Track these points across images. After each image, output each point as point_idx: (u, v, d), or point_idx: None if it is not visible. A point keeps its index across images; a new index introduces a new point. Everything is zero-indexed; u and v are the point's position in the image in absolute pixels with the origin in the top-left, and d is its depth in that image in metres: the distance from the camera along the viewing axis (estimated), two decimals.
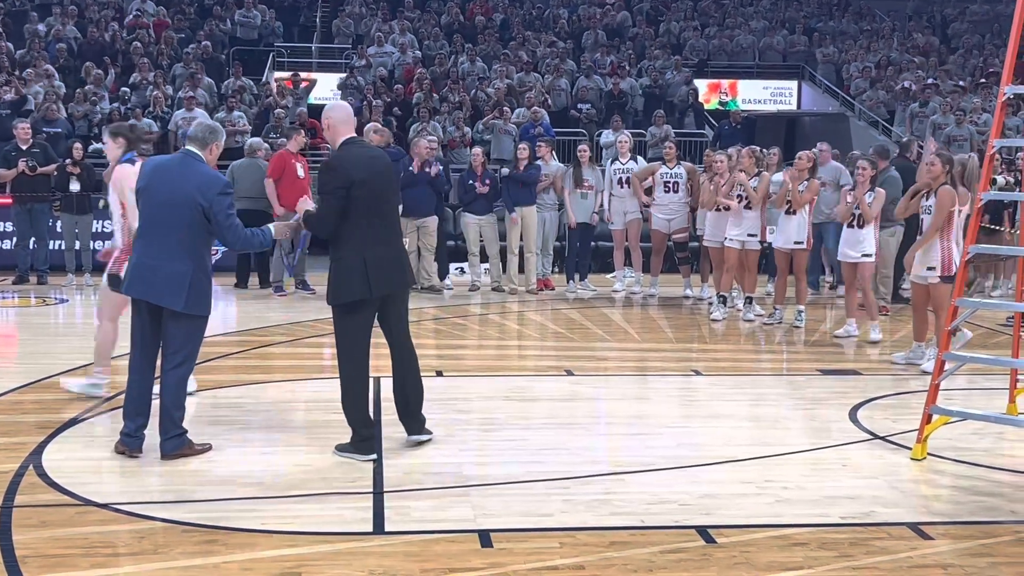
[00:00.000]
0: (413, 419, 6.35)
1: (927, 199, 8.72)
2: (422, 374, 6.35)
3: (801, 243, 10.95)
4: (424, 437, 6.37)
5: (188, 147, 6.08)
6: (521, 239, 13.35)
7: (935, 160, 8.67)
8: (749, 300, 11.58)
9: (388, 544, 4.78)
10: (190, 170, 5.96)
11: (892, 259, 11.91)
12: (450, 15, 24.64)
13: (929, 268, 8.55)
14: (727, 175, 11.60)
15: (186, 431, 6.05)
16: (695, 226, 13.23)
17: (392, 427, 6.53)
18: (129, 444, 6.01)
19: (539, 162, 13.58)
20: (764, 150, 12.46)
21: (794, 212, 10.88)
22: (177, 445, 6.00)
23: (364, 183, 5.89)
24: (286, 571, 4.43)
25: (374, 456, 6.05)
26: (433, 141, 13.82)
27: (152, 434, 6.05)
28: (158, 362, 6.08)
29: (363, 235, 5.93)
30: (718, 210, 11.70)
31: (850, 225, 10.16)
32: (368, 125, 13.19)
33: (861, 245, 10.12)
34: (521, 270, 13.55)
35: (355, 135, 6.17)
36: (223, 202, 5.92)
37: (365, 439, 6.09)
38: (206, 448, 6.14)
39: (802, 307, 11.16)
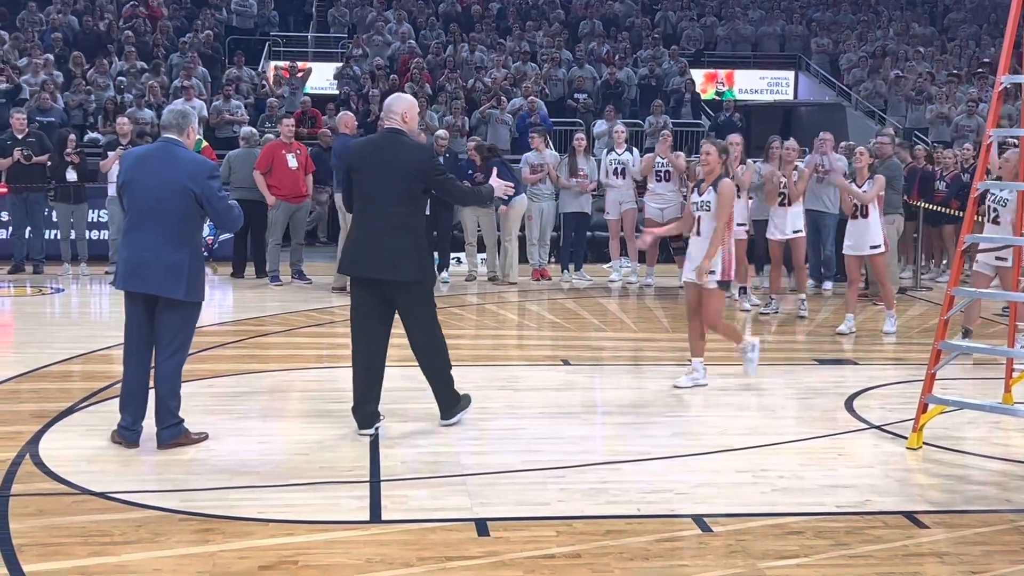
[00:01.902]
0: (439, 402, 6.55)
1: (700, 194, 7.74)
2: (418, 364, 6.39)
3: (800, 231, 10.93)
4: (445, 422, 6.54)
5: (166, 135, 6.04)
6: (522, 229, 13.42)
7: (710, 149, 7.72)
8: (743, 290, 11.59)
9: (385, 532, 4.79)
10: (175, 158, 5.92)
11: (893, 248, 11.93)
12: (447, 4, 24.58)
13: (710, 272, 7.57)
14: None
15: (182, 420, 6.05)
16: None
17: (389, 417, 6.54)
18: (126, 437, 6.01)
19: (533, 151, 13.59)
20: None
21: (789, 203, 10.87)
22: (174, 434, 6.00)
23: (355, 169, 6.29)
24: (283, 559, 4.44)
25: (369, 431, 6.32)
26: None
27: (149, 424, 6.05)
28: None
29: (354, 217, 6.35)
30: None
31: (854, 216, 9.97)
32: (340, 114, 13.20)
33: (868, 237, 9.88)
34: (524, 260, 13.60)
35: (395, 126, 6.27)
36: (214, 186, 5.93)
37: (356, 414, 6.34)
38: (202, 437, 6.14)
39: (803, 296, 11.14)
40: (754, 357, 8.00)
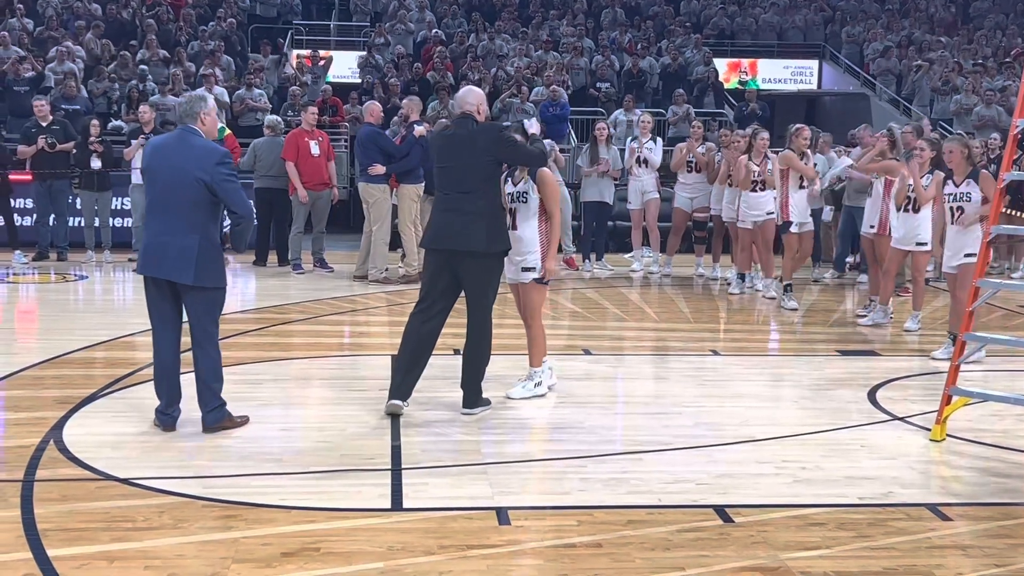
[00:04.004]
0: (464, 391, 6.66)
1: (513, 184, 6.93)
2: (440, 353, 6.40)
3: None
4: (466, 411, 6.60)
5: (183, 123, 6.10)
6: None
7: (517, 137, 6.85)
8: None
9: (406, 521, 4.80)
10: (189, 146, 5.97)
11: None
12: None
13: (526, 269, 6.95)
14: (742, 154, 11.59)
15: (225, 403, 6.11)
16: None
17: (414, 405, 6.56)
18: (162, 421, 6.11)
19: None
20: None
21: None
22: (218, 417, 6.06)
23: (437, 158, 6.76)
24: (304, 546, 4.46)
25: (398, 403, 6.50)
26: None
27: (185, 408, 6.14)
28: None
29: (436, 199, 6.82)
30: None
31: (905, 210, 9.59)
32: (367, 103, 13.21)
33: (916, 233, 9.55)
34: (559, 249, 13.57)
35: (467, 113, 6.70)
36: (223, 171, 5.93)
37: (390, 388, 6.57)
38: (244, 420, 6.21)
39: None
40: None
